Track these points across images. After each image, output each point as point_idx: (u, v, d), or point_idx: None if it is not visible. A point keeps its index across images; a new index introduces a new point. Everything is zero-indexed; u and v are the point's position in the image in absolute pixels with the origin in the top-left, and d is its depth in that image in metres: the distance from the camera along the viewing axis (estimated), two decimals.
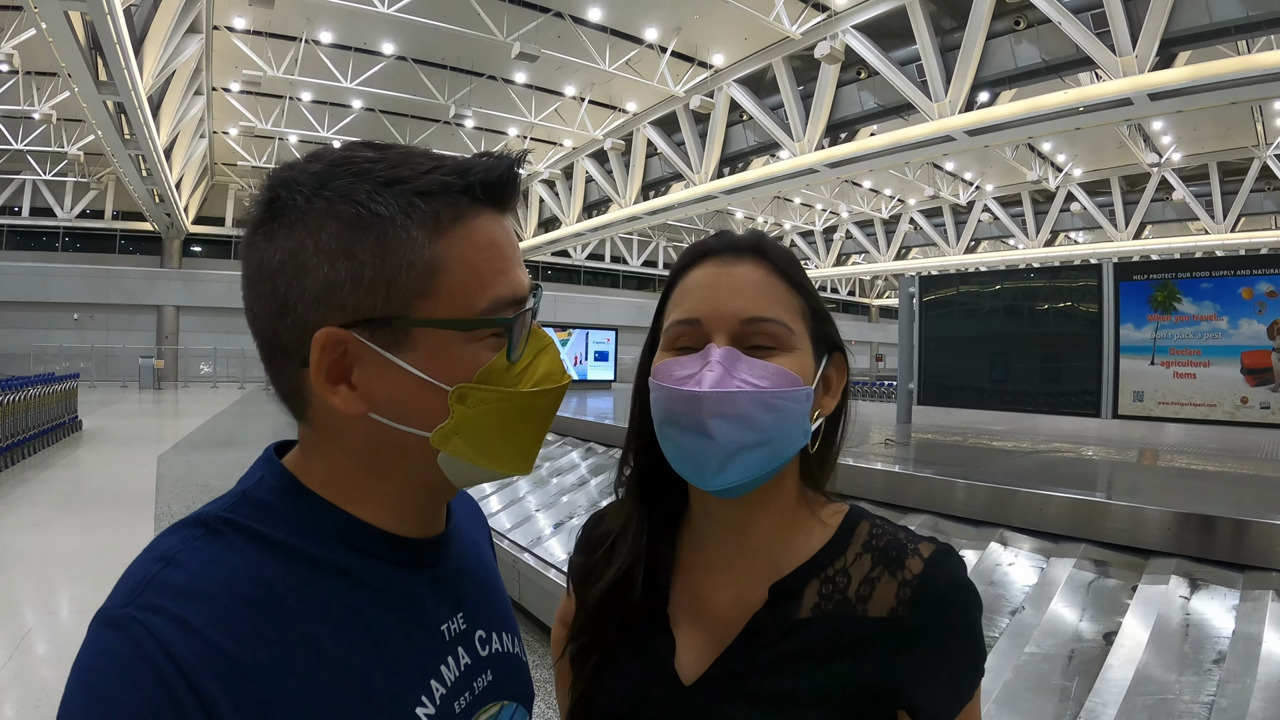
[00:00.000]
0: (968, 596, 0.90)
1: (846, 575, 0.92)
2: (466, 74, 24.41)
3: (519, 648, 0.96)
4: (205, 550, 0.70)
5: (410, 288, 0.72)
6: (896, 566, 0.90)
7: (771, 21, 18.48)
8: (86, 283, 35.45)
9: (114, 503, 9.10)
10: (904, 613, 0.87)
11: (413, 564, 0.82)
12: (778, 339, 0.91)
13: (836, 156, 20.63)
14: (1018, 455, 5.63)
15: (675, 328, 0.95)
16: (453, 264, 0.74)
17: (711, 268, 0.96)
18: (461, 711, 0.82)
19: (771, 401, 0.88)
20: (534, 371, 0.80)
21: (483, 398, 0.76)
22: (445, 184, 0.74)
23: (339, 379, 0.74)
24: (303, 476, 0.79)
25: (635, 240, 48.37)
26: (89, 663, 0.64)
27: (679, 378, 0.89)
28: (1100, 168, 31.49)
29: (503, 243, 0.78)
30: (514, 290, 0.78)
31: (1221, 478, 4.84)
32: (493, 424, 0.77)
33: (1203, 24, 14.13)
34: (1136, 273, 6.60)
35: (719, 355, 0.89)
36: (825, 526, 0.97)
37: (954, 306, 7.74)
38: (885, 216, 40.47)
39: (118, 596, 0.68)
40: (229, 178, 37.56)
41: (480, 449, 0.78)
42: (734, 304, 0.92)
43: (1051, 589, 3.18)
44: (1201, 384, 6.19)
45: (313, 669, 0.69)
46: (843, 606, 0.90)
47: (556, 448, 7.67)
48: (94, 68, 15.34)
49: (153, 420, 20.84)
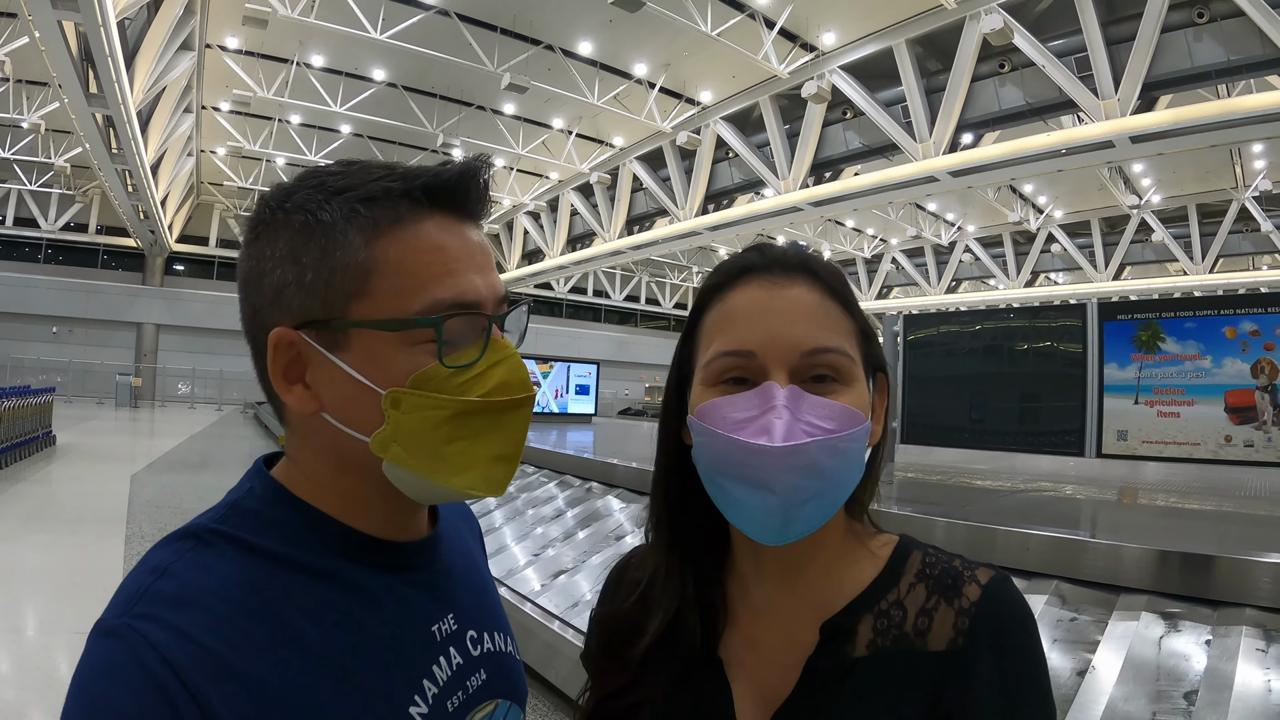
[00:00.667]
0: (1027, 623, 0.82)
1: (902, 608, 0.85)
2: (456, 103, 24.50)
3: (512, 647, 0.96)
4: (197, 560, 0.72)
5: (345, 289, 0.75)
6: (953, 595, 0.83)
7: (760, 60, 18.68)
8: (67, 296, 35.21)
9: (85, 521, 8.95)
10: (963, 643, 0.80)
11: (399, 567, 0.84)
12: (840, 371, 0.83)
13: (821, 195, 20.79)
14: (1000, 495, 5.66)
15: (722, 360, 0.85)
16: (388, 266, 0.75)
17: (758, 289, 0.86)
18: (455, 710, 0.83)
19: (840, 446, 0.80)
20: (485, 381, 0.77)
21: (417, 403, 0.75)
22: (387, 189, 0.76)
23: (295, 379, 0.78)
24: (290, 485, 0.80)
25: (618, 274, 48.47)
26: (87, 672, 0.65)
27: (736, 422, 0.81)
28: (1081, 209, 31.87)
29: (450, 246, 0.78)
30: (459, 294, 0.76)
31: (1201, 515, 4.88)
32: (431, 432, 0.76)
33: (1184, 68, 14.42)
34: (1121, 312, 6.68)
35: (784, 398, 0.80)
36: (875, 558, 0.90)
37: (937, 346, 7.79)
38: (868, 256, 40.77)
39: (114, 608, 0.69)
40: (215, 197, 37.48)
41: (421, 460, 0.76)
42: (793, 334, 0.83)
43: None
44: (1185, 423, 6.25)
45: (306, 671, 0.71)
46: (900, 642, 0.83)
47: (533, 478, 7.66)
48: (85, 79, 15.36)
49: (128, 438, 20.63)
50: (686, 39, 18.67)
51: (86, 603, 5.88)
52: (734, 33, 17.82)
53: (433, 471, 0.77)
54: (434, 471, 0.77)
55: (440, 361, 0.75)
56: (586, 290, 48.31)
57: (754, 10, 17.96)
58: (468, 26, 19.07)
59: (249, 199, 37.21)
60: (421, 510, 0.89)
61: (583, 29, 19.86)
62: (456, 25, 18.91)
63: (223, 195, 37.24)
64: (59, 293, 35.07)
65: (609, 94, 22.06)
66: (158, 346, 37.27)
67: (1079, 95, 15.27)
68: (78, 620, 5.48)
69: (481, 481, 0.78)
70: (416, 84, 23.56)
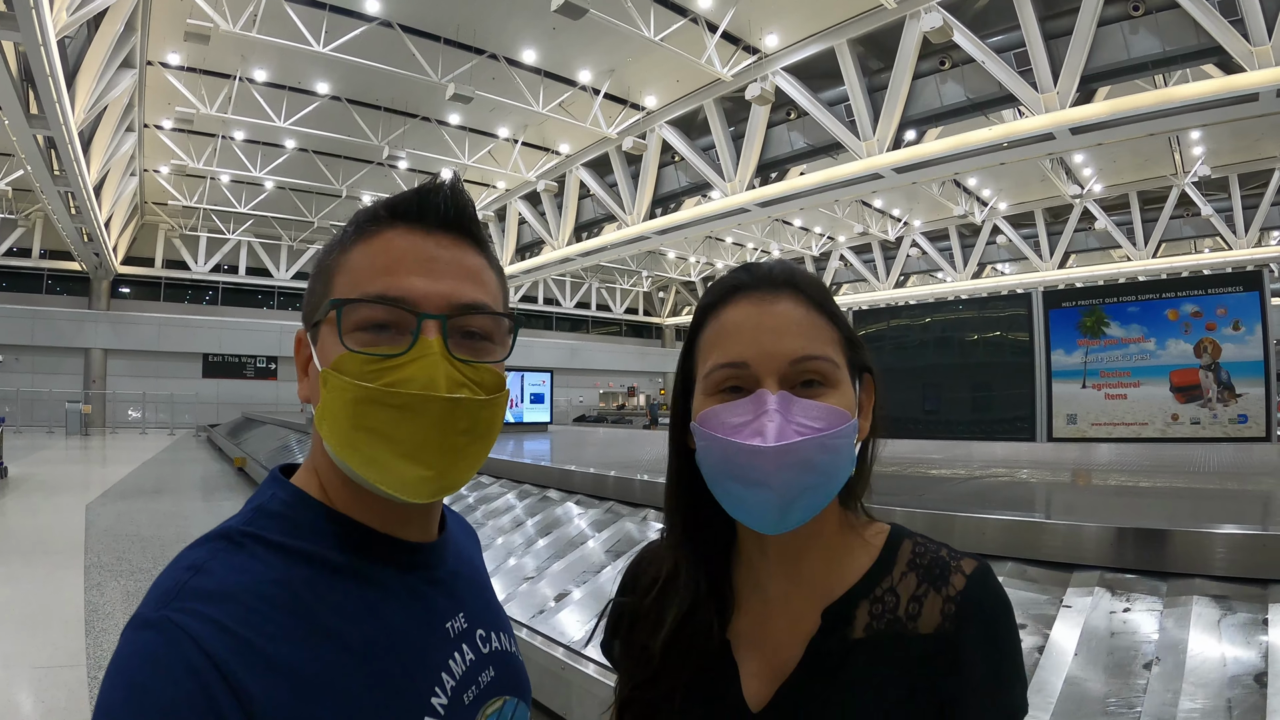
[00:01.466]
0: (1007, 610, 0.92)
1: (895, 594, 0.93)
2: (401, 115, 24.35)
3: (515, 648, 1.02)
4: (230, 559, 0.77)
5: (322, 292, 0.86)
6: (941, 583, 0.92)
7: (703, 64, 18.75)
8: (12, 323, 34.26)
9: (41, 552, 8.80)
10: (950, 628, 0.89)
11: (414, 565, 0.90)
12: (825, 376, 0.91)
13: (767, 196, 20.92)
14: (955, 482, 5.77)
15: (720, 371, 0.93)
16: (346, 267, 0.85)
17: (748, 306, 0.94)
18: (470, 704, 0.88)
19: (829, 443, 0.88)
20: (395, 373, 0.80)
21: (334, 384, 0.81)
22: (368, 211, 0.88)
23: (305, 372, 0.89)
24: (308, 489, 0.87)
25: (568, 282, 48.46)
26: (126, 662, 0.69)
27: (733, 426, 0.89)
28: (1025, 200, 32.41)
29: (398, 248, 0.84)
30: (385, 288, 0.82)
31: (1151, 493, 5.02)
32: (344, 413, 0.81)
33: (1121, 60, 14.78)
34: (1065, 300, 6.83)
35: (775, 403, 0.88)
36: (870, 547, 0.98)
37: (888, 340, 7.91)
38: (816, 254, 40.99)
39: (151, 603, 0.73)
40: (159, 217, 36.75)
41: (340, 439, 0.81)
42: (781, 345, 0.91)
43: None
44: (1132, 404, 6.40)
45: (337, 661, 0.76)
46: (894, 625, 0.91)
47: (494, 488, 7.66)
48: (25, 100, 15.00)
49: (80, 467, 20.22)
50: (630, 45, 18.71)
51: (49, 635, 5.80)
52: (677, 37, 17.92)
53: (349, 456, 0.81)
54: (349, 456, 0.81)
55: (341, 343, 0.81)
56: (537, 299, 48.21)
57: (696, 15, 18.04)
58: (411, 37, 18.95)
59: (193, 218, 36.65)
60: (431, 515, 0.94)
61: (526, 37, 19.81)
62: (400, 36, 18.79)
63: (167, 215, 36.57)
64: (3, 320, 34.12)
65: (554, 101, 22.01)
66: (106, 372, 36.46)
67: (1019, 89, 15.57)
68: (40, 654, 5.40)
69: (392, 480, 0.81)
70: (361, 96, 23.34)
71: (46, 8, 11.58)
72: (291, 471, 0.92)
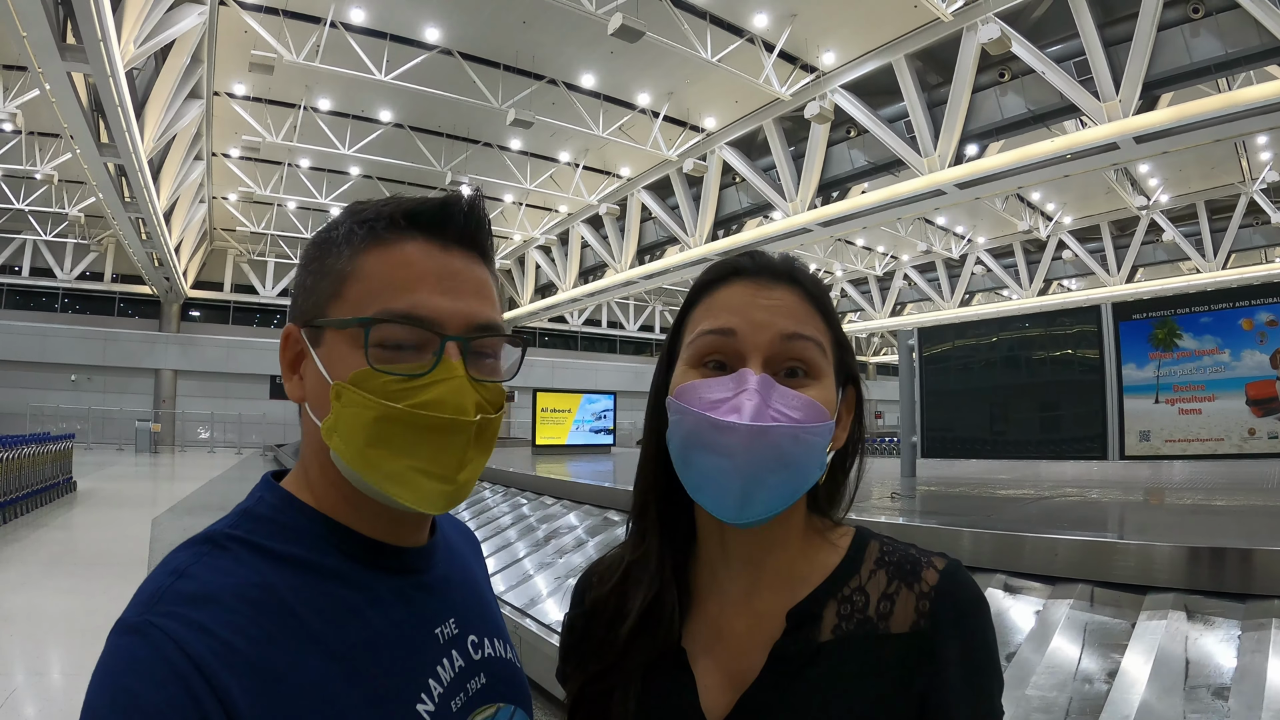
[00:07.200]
0: (982, 604, 0.89)
1: (864, 593, 0.90)
2: (463, 141, 24.72)
3: (512, 654, 0.98)
4: (214, 563, 0.76)
5: (328, 294, 0.84)
6: (913, 580, 0.89)
7: (761, 84, 18.76)
8: (84, 344, 35.55)
9: (106, 564, 8.99)
10: (925, 625, 0.86)
11: (402, 570, 0.87)
12: (810, 364, 0.89)
13: (829, 215, 20.77)
14: (1025, 502, 5.62)
15: (705, 338, 0.90)
16: (361, 274, 0.83)
17: (745, 287, 0.92)
18: (458, 710, 0.85)
19: (803, 436, 0.85)
20: (420, 394, 0.80)
21: (352, 399, 0.80)
22: (380, 213, 0.85)
23: (294, 371, 0.88)
24: (297, 493, 0.85)
25: (631, 305, 48.61)
26: (110, 667, 0.68)
27: (710, 402, 0.86)
28: (1090, 214, 31.71)
29: (420, 264, 0.83)
30: (410, 307, 0.81)
31: (1227, 511, 4.84)
32: (362, 429, 0.80)
33: (1183, 64, 14.41)
34: (1135, 312, 6.63)
35: (756, 383, 0.85)
36: (835, 548, 0.95)
37: (954, 359, 7.75)
38: (879, 273, 40.70)
39: (135, 607, 0.73)
40: (228, 243, 37.82)
41: (354, 453, 0.80)
42: (773, 321, 0.89)
43: (1050, 629, 3.16)
44: (1207, 419, 6.16)
45: (320, 665, 0.74)
46: (864, 625, 0.88)
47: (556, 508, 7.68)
48: (96, 130, 15.56)
49: (148, 483, 20.73)
50: (688, 67, 18.81)
51: None
52: (734, 58, 17.95)
53: (363, 470, 0.80)
54: (364, 470, 0.80)
55: (368, 362, 0.80)
56: (601, 322, 48.42)
57: (753, 35, 18.09)
58: (471, 64, 19.28)
59: (261, 244, 37.57)
60: (422, 520, 0.92)
61: (584, 62, 20.02)
62: (459, 64, 19.14)
63: (235, 240, 37.60)
64: (77, 341, 35.41)
65: (613, 125, 22.18)
66: (176, 392, 37.50)
67: (1080, 99, 15.28)
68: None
69: (410, 494, 0.81)
70: (423, 123, 23.79)
71: (114, 40, 12.00)
72: (283, 476, 0.90)
